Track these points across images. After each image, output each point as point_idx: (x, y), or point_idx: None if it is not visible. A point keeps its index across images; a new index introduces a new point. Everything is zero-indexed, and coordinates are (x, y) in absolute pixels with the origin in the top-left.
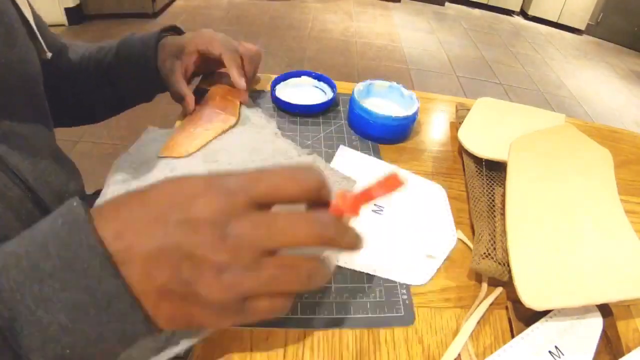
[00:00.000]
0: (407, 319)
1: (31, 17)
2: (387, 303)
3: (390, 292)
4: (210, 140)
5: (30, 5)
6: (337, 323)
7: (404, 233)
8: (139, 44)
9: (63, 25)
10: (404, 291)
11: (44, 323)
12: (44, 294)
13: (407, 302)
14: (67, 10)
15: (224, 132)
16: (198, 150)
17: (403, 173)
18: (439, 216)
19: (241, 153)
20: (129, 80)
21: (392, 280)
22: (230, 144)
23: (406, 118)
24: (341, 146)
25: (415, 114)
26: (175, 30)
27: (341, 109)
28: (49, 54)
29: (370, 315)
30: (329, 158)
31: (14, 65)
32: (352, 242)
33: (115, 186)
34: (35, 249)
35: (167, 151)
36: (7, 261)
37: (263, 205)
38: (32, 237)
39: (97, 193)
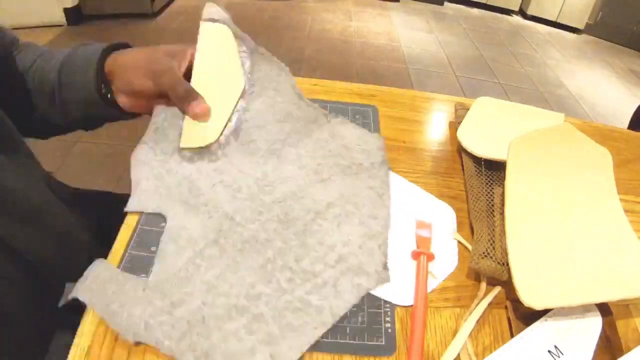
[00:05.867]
0: (388, 349)
1: None
2: (369, 330)
3: (373, 319)
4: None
5: None
6: (313, 346)
7: (407, 252)
8: (82, 60)
9: (62, 25)
10: (388, 319)
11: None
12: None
13: (389, 330)
14: (66, 11)
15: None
16: (223, 131)
17: (415, 188)
18: (445, 238)
19: (273, 124)
20: (69, 104)
21: (376, 307)
22: (257, 117)
23: None
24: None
25: None
26: (126, 47)
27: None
28: None
29: (348, 341)
30: None
31: None
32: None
33: (148, 182)
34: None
35: (189, 141)
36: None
37: None
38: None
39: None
